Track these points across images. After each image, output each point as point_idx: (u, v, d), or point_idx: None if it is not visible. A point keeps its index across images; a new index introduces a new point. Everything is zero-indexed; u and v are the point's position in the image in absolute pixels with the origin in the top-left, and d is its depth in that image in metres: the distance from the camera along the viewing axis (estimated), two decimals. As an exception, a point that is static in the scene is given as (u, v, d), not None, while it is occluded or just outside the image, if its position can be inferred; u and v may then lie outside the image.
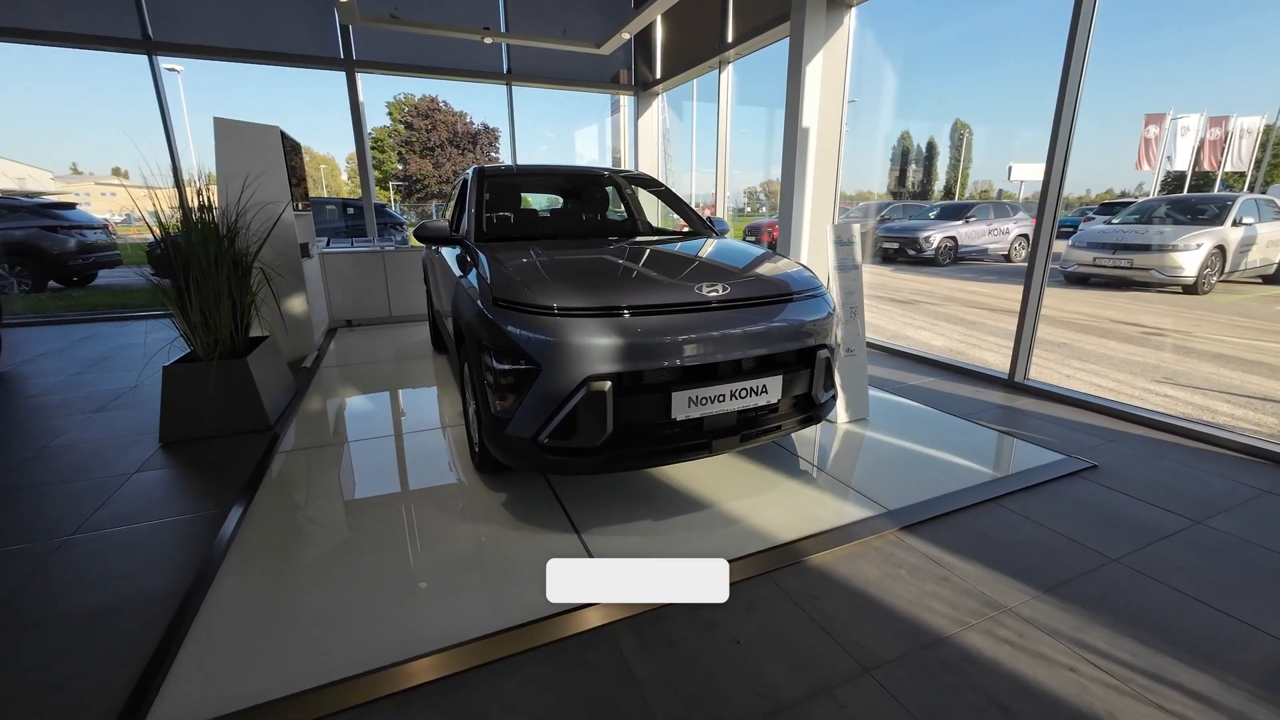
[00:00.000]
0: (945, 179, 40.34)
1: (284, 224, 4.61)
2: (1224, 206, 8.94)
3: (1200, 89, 17.59)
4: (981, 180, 41.95)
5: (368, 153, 7.17)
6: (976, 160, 39.67)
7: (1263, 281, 9.38)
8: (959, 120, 43.76)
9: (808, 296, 2.45)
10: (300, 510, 2.42)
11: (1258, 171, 18.20)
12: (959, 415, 3.40)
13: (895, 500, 2.38)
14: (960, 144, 42.38)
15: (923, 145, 44.72)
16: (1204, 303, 8.11)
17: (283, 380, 3.79)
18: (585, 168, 3.88)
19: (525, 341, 2.04)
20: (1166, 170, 23.63)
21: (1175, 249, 8.48)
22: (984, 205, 14.10)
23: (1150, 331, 6.18)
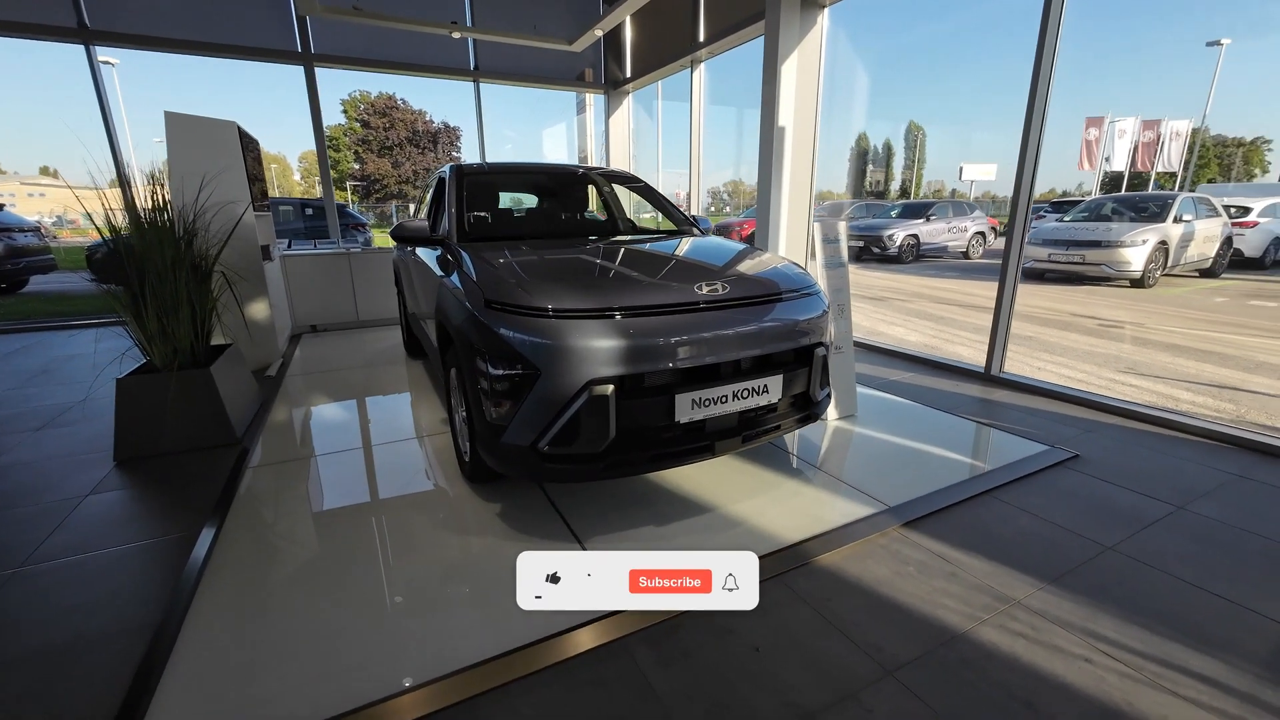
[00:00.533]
0: (901, 179, 41.68)
1: (244, 225, 4.36)
2: (1165, 204, 9.43)
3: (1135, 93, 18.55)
4: (935, 180, 43.50)
5: (327, 151, 6.88)
6: (930, 161, 41.08)
7: (1199, 275, 9.94)
8: (913, 122, 45.28)
9: (804, 295, 2.43)
10: (277, 530, 2.27)
11: (1186, 172, 19.33)
12: (943, 409, 3.45)
13: (894, 497, 2.38)
14: (915, 145, 43.84)
15: (880, 146, 46.05)
16: (1150, 296, 8.54)
17: (248, 390, 3.58)
18: (564, 165, 3.80)
19: (522, 345, 1.95)
20: (1106, 171, 24.89)
21: (1123, 245, 8.91)
22: (943, 204, 14.57)
23: (1107, 324, 6.46)
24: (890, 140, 45.81)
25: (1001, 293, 3.88)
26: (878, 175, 40.79)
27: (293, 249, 6.09)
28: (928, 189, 41.85)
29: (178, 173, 3.80)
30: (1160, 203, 9.57)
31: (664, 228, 3.82)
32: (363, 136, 35.65)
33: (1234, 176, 27.89)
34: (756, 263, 2.64)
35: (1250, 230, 10.19)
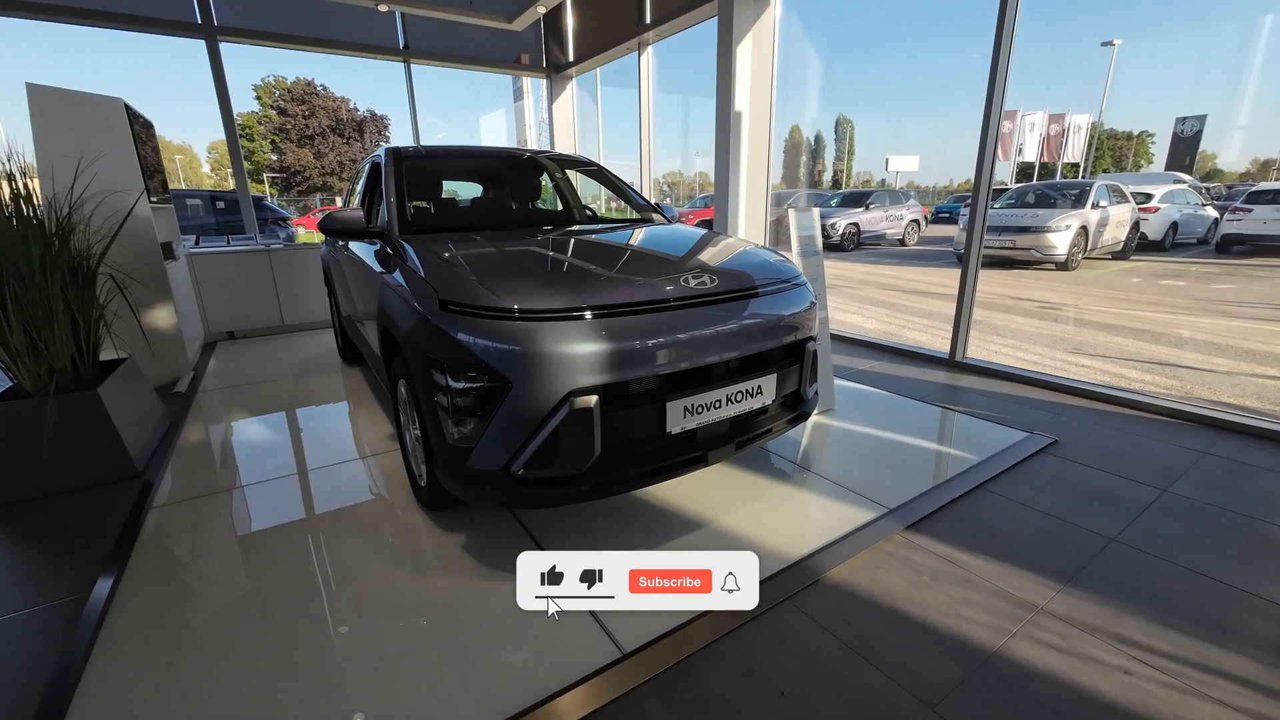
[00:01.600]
0: (833, 170, 43.10)
1: (139, 219, 3.77)
2: (1083, 191, 10.04)
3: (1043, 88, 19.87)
4: (863, 171, 45.32)
5: (239, 141, 6.18)
6: (858, 152, 42.74)
7: (1112, 258, 10.67)
8: (842, 115, 46.80)
9: (792, 286, 2.25)
10: (189, 582, 1.88)
11: (1087, 163, 20.90)
12: (918, 399, 3.40)
13: (892, 497, 2.26)
14: (844, 137, 45.43)
15: (812, 138, 47.30)
16: (1074, 278, 9.06)
17: (151, 411, 3.07)
18: (514, 149, 3.47)
19: (488, 353, 1.66)
20: (1019, 161, 26.43)
21: (1049, 230, 9.40)
22: (881, 193, 15.02)
23: (1044, 306, 6.75)
24: (821, 132, 47.17)
25: (964, 280, 3.88)
26: (813, 166, 41.96)
27: (201, 246, 5.42)
28: (857, 179, 43.57)
29: (46, 157, 3.21)
30: (1078, 190, 10.19)
31: (623, 217, 3.58)
32: (280, 125, 33.20)
33: (1124, 167, 30.53)
34: (740, 253, 2.44)
35: (1152, 215, 11.02)
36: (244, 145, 33.50)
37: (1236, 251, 10.06)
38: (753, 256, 2.40)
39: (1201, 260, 10.38)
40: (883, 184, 30.24)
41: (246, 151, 34.03)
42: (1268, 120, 12.80)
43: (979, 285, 3.88)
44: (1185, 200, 11.57)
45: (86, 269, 2.72)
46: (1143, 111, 20.41)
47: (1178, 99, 15.29)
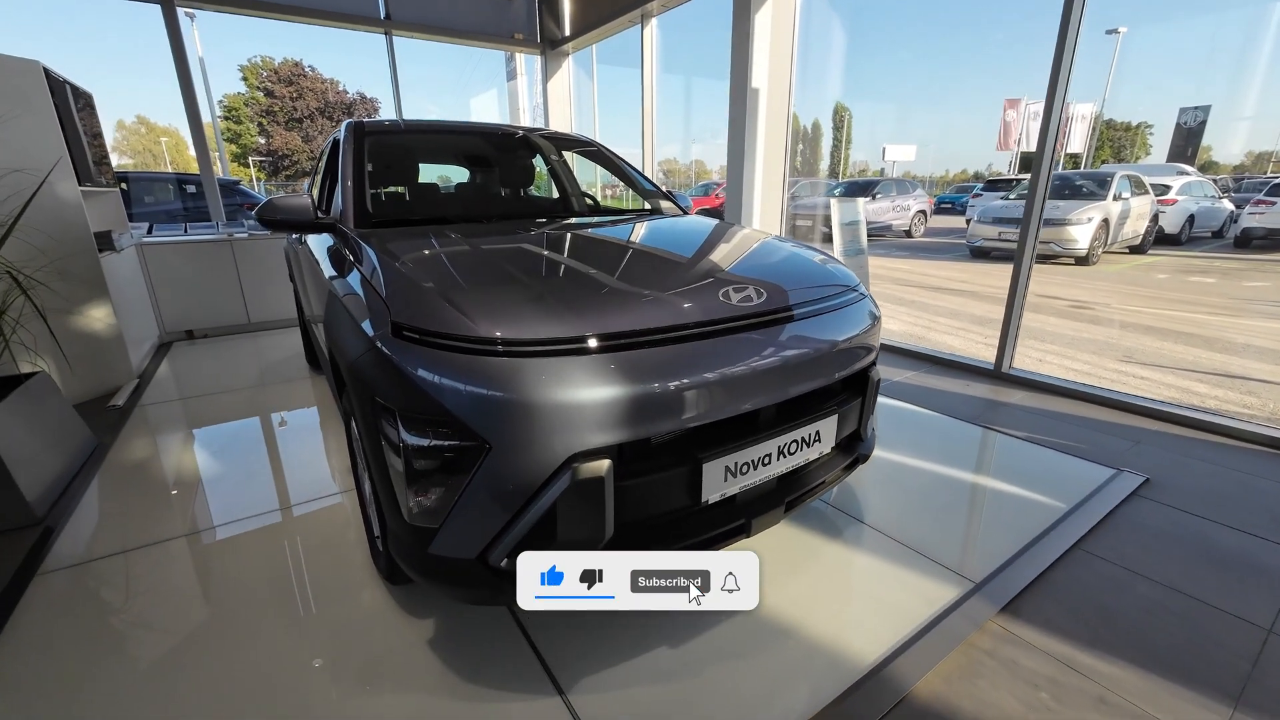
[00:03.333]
0: (830, 159, 42.55)
1: (66, 205, 3.25)
2: (1104, 182, 9.56)
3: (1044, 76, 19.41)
4: (859, 160, 44.75)
5: (202, 111, 5.59)
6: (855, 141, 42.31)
7: (1129, 252, 10.24)
8: (839, 103, 46.15)
9: (854, 297, 1.77)
10: (60, 696, 1.40)
11: (1089, 153, 20.46)
12: (967, 419, 2.95)
13: (971, 563, 1.80)
14: (841, 125, 44.76)
15: (809, 126, 46.78)
16: (1095, 273, 8.62)
17: (66, 438, 2.57)
18: (501, 125, 2.96)
19: (459, 401, 1.18)
20: (1021, 151, 25.99)
21: (1070, 223, 8.94)
22: (888, 182, 14.52)
23: (1075, 305, 6.30)
24: (819, 121, 46.64)
25: (1016, 281, 3.40)
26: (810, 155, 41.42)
27: (155, 235, 4.86)
28: (853, 169, 42.97)
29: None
30: (1099, 180, 9.71)
31: (628, 207, 3.08)
32: (267, 107, 32.27)
33: (1124, 158, 30.14)
34: (784, 255, 1.95)
35: (1170, 207, 10.59)
36: (230, 128, 32.76)
37: (1258, 245, 9.65)
38: (800, 260, 1.92)
39: (1223, 255, 9.96)
40: (880, 174, 29.74)
41: (233, 134, 33.06)
42: (1273, 111, 12.38)
43: (992, 281, 3.40)
44: (1203, 192, 11.15)
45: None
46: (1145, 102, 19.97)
47: (1182, 90, 14.81)
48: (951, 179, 47.50)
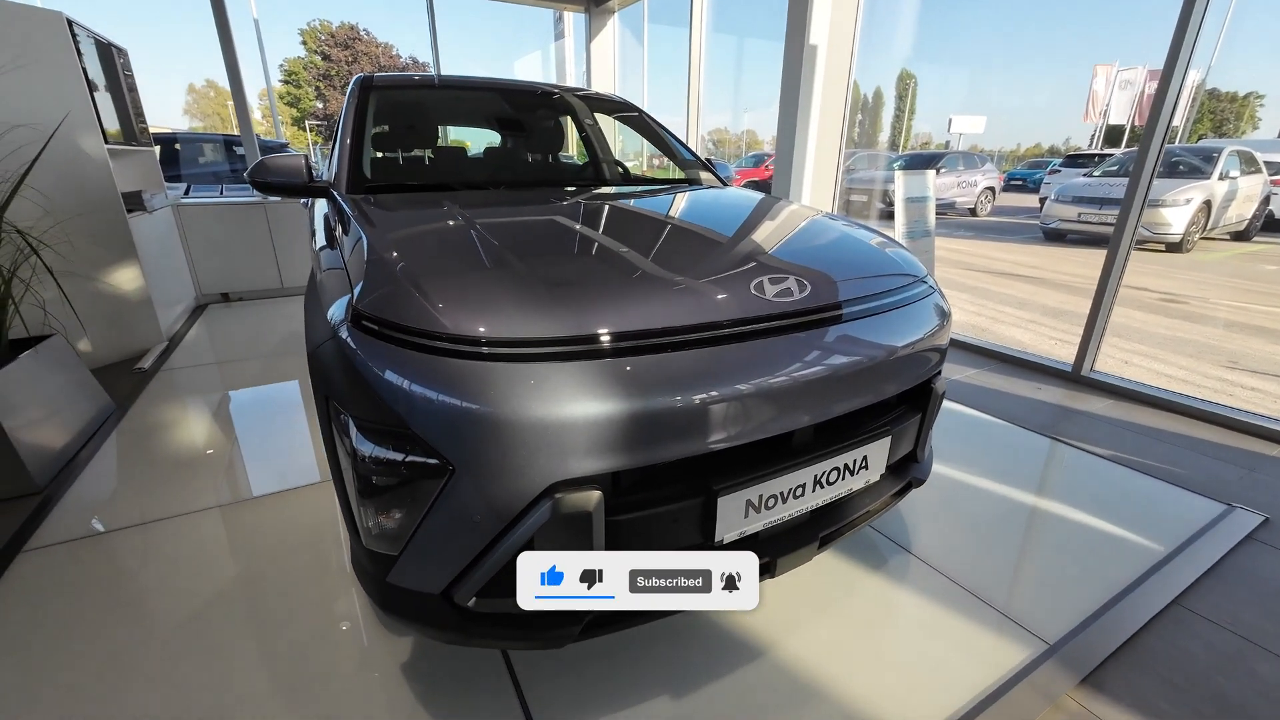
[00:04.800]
0: (890, 130, 40.19)
1: (92, 163, 3.19)
2: (1209, 159, 8.50)
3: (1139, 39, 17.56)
4: (922, 133, 42.03)
5: (257, 74, 5.51)
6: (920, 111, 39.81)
7: (1231, 238, 9.16)
8: (905, 69, 43.31)
9: (919, 293, 1.46)
10: (37, 678, 1.30)
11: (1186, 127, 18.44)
12: (1038, 430, 2.57)
13: (1044, 616, 1.50)
14: (906, 93, 42.00)
15: (870, 95, 44.30)
16: (1190, 262, 7.74)
17: (79, 403, 2.53)
18: (526, 82, 2.69)
19: (414, 413, 0.96)
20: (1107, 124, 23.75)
21: (1164, 204, 8.00)
22: (954, 156, 13.48)
23: (1166, 298, 5.62)
24: (881, 88, 44.15)
25: (1109, 270, 2.94)
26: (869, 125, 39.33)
27: (192, 196, 4.87)
28: (915, 141, 40.41)
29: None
30: (1204, 157, 8.63)
31: (664, 176, 2.79)
32: (324, 71, 32.81)
33: (1225, 132, 27.13)
34: (836, 237, 1.64)
35: (1286, 188, 9.37)
36: (290, 92, 33.49)
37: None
38: (855, 243, 1.60)
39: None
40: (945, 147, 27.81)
41: (293, 97, 33.81)
42: None
43: (1067, 268, 2.94)
44: (1330, 172, 9.81)
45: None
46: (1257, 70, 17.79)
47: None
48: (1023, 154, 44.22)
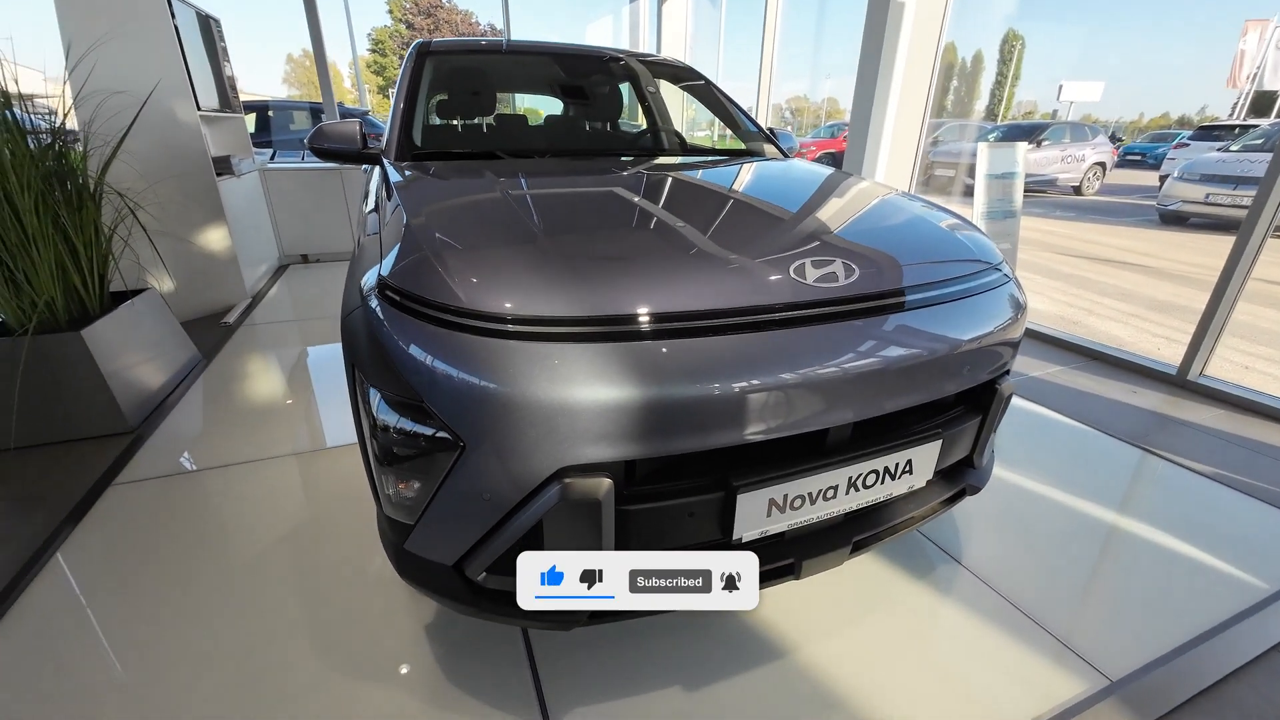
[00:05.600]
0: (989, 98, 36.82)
1: (185, 129, 3.42)
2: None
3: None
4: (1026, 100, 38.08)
5: (341, 44, 5.72)
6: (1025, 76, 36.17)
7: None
8: (1012, 30, 39.28)
9: (989, 282, 1.30)
10: (90, 625, 1.45)
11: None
12: (1126, 439, 2.31)
13: (1110, 653, 1.35)
14: (1010, 57, 38.10)
15: (969, 58, 40.73)
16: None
17: (169, 353, 2.76)
18: (584, 47, 2.60)
19: (432, 386, 0.95)
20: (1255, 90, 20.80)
21: (1316, 185, 6.91)
22: (1059, 127, 12.18)
23: (1307, 295, 4.89)
24: (982, 51, 40.51)
25: (1235, 261, 2.56)
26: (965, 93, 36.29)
27: (277, 161, 5.15)
28: (1017, 110, 36.71)
29: (70, 44, 2.82)
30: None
31: (723, 147, 2.65)
32: (408, 39, 33.77)
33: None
34: (895, 218, 1.50)
35: None
36: (377, 60, 34.74)
37: None
38: (919, 224, 1.45)
39: None
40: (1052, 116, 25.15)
41: (379, 66, 35.10)
42: None
43: (1186, 256, 2.55)
44: None
45: (81, 186, 2.32)
46: None
47: None
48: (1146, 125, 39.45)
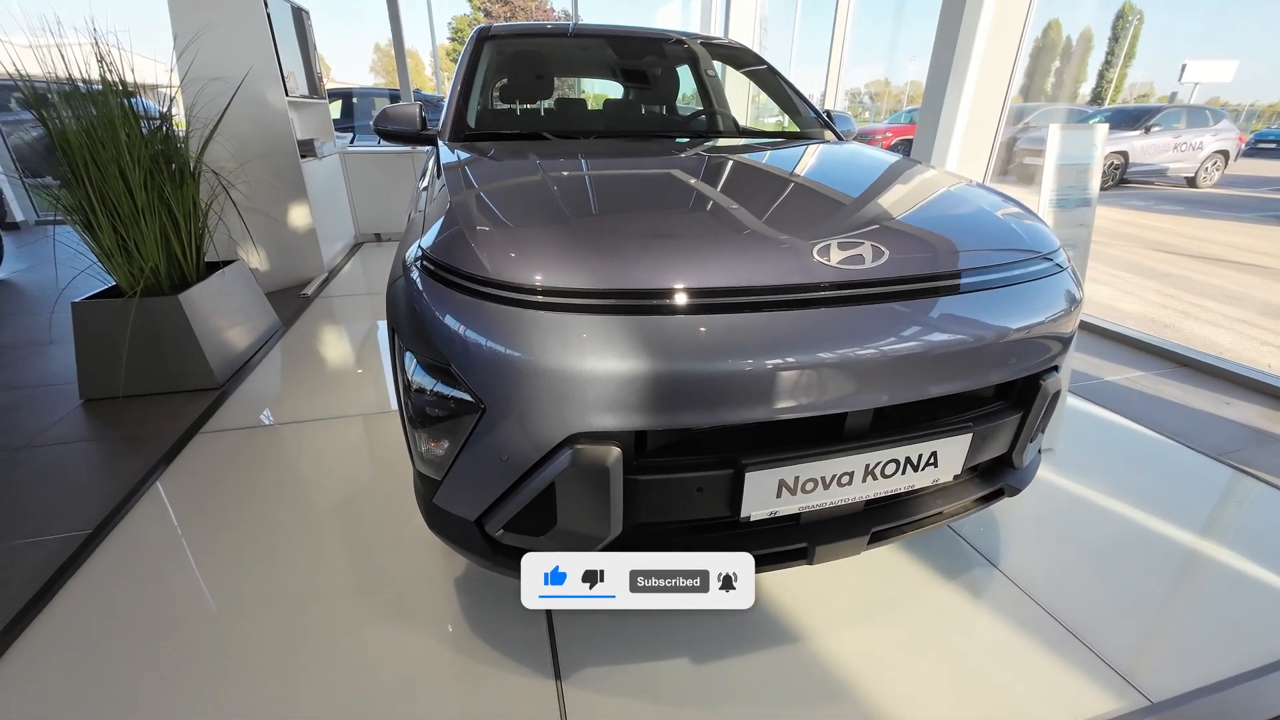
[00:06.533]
0: (1096, 80, 33.59)
1: (274, 114, 3.70)
2: None
3: None
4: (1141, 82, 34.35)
5: (417, 33, 5.99)
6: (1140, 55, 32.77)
7: None
8: (1128, 4, 35.50)
9: (1038, 271, 1.23)
10: (165, 561, 1.64)
11: None
12: (1211, 454, 2.10)
13: (1154, 675, 1.26)
14: (1124, 36, 34.50)
15: (1074, 37, 37.31)
16: None
17: (253, 319, 3.03)
18: (640, 29, 2.60)
19: (456, 351, 1.01)
20: None
21: None
22: (1173, 111, 10.99)
23: None
24: (1091, 29, 37.03)
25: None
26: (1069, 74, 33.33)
27: (356, 145, 5.48)
28: (1129, 93, 33.23)
29: (180, 33, 3.11)
30: None
31: (777, 130, 2.60)
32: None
33: None
34: (940, 198, 1.43)
35: None
36: (456, 48, 35.93)
37: None
38: (964, 208, 1.38)
39: None
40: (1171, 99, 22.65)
41: (458, 54, 36.39)
42: None
43: None
44: None
45: (182, 164, 2.58)
46: None
47: None
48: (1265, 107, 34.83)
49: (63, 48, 2.27)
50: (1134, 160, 10.49)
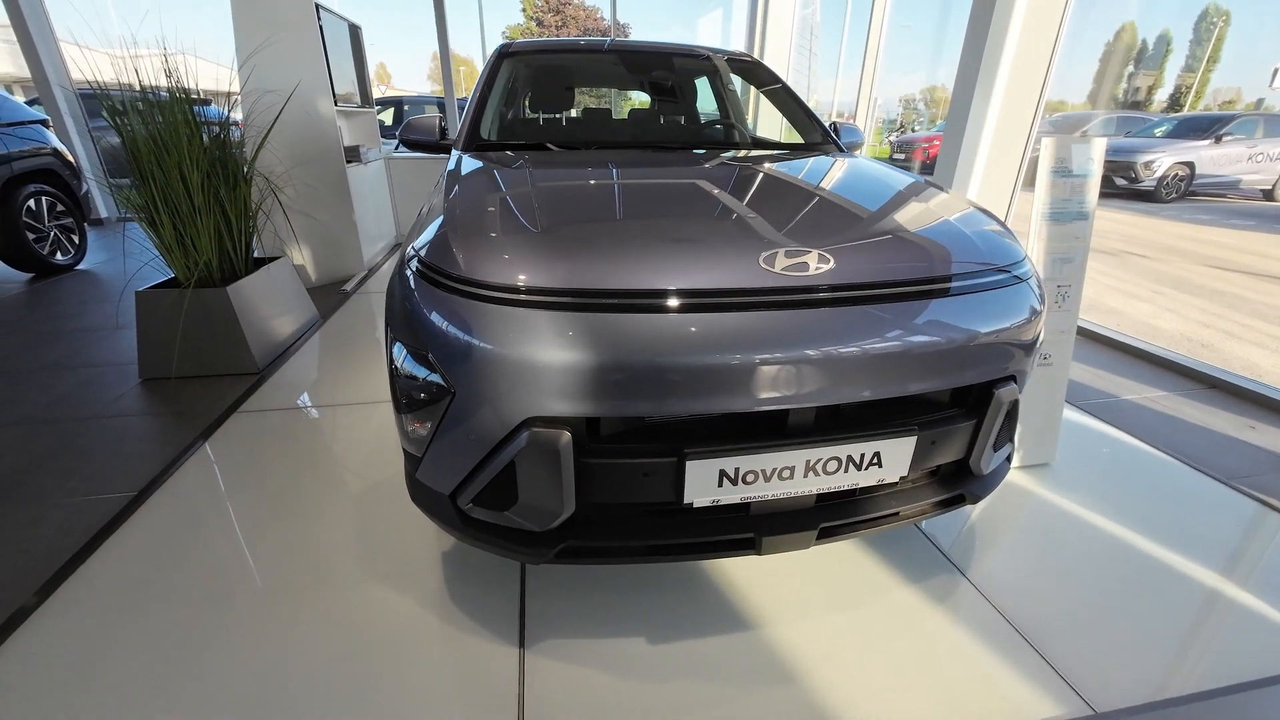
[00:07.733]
0: (1175, 85, 31.67)
1: (323, 122, 3.99)
2: None
3: None
4: (1225, 87, 32.18)
5: (464, 32, 6.31)
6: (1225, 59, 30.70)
7: None
8: (1213, 6, 33.37)
9: (994, 280, 1.27)
10: (196, 530, 1.84)
11: None
12: (1225, 480, 2.03)
13: (1104, 686, 1.26)
14: (1206, 38, 32.42)
15: (1150, 40, 35.28)
16: None
17: (294, 311, 3.28)
18: (659, 44, 2.71)
19: (432, 338, 1.14)
20: None
21: None
22: (1249, 120, 10.33)
23: None
24: (1170, 30, 34.99)
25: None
26: (1143, 80, 31.56)
27: (399, 151, 5.79)
28: (1212, 99, 31.13)
29: (242, 46, 3.42)
30: None
31: (788, 142, 2.65)
32: (538, 37, 35.58)
33: None
34: (908, 208, 1.48)
35: None
36: (506, 57, 37.20)
37: None
38: (926, 217, 1.42)
39: None
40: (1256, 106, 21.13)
41: (510, 64, 37.50)
42: None
43: None
44: None
45: (236, 168, 2.83)
46: None
47: None
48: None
49: (137, 61, 2.56)
50: (1201, 171, 9.90)
